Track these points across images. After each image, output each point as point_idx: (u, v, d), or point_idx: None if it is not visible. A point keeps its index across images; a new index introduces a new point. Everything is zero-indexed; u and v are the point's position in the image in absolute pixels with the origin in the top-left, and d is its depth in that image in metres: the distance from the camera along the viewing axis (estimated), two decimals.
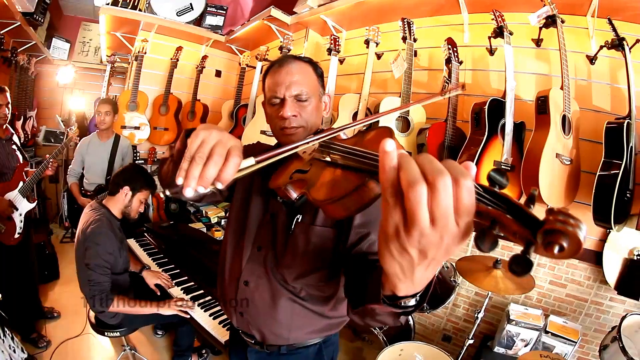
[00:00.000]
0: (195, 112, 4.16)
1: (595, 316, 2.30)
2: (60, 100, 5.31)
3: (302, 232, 1.07)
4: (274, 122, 1.09)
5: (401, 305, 0.60)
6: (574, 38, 2.19)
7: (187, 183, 0.60)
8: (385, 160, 0.43)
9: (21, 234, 2.48)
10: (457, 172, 0.40)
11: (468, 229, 0.42)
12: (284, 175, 0.90)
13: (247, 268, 1.17)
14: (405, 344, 2.20)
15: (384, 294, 0.61)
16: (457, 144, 2.21)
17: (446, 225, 0.40)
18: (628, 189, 1.88)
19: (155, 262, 2.56)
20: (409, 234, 0.42)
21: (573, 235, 0.38)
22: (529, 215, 0.42)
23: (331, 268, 1.07)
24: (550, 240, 0.39)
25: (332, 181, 0.72)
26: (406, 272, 0.47)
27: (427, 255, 0.43)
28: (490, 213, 0.44)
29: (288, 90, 1.04)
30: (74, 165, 3.21)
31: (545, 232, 0.39)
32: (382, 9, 2.73)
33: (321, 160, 0.82)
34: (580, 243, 0.38)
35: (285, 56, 1.12)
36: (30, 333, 2.57)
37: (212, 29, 4.27)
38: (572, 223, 0.38)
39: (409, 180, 0.40)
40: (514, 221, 0.42)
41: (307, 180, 0.80)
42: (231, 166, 0.62)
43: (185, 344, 2.48)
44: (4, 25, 3.42)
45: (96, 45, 5.46)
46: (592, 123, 2.08)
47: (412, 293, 0.54)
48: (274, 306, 1.15)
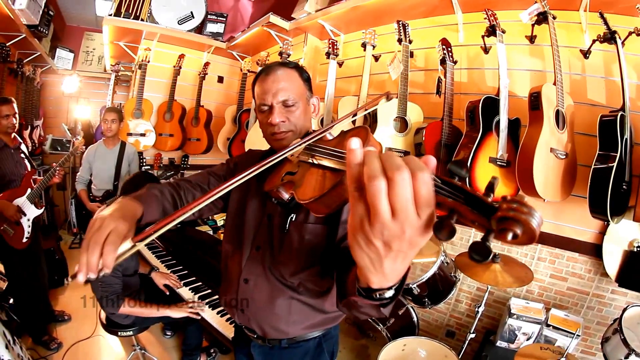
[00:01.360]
0: (199, 118, 4.25)
1: (597, 309, 2.30)
2: (65, 109, 5.41)
3: (296, 230, 1.12)
4: (264, 128, 1.15)
5: (377, 298, 0.63)
6: (566, 33, 2.21)
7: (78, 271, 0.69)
8: (350, 157, 0.46)
9: (29, 238, 2.55)
10: (414, 166, 0.42)
11: (429, 220, 0.44)
12: (276, 178, 0.97)
13: (246, 267, 1.22)
14: (408, 339, 2.22)
15: (359, 286, 0.64)
16: (454, 142, 2.24)
17: (406, 216, 0.42)
18: (624, 181, 1.89)
19: (163, 264, 2.62)
20: (372, 226, 0.44)
21: (525, 222, 0.39)
22: (485, 204, 0.44)
23: (325, 263, 1.11)
24: (504, 227, 0.41)
25: (314, 181, 0.78)
26: (375, 265, 0.49)
27: (391, 246, 0.45)
28: (448, 203, 0.46)
29: (275, 97, 1.10)
30: (82, 172, 3.29)
31: (499, 219, 0.41)
32: (377, 12, 2.77)
33: (306, 162, 0.87)
34: (534, 230, 0.39)
35: (271, 64, 1.17)
36: (41, 336, 2.64)
37: (213, 36, 4.36)
38: (524, 211, 0.40)
39: (369, 175, 0.43)
40: (470, 210, 0.44)
41: (295, 181, 0.86)
42: (108, 255, 0.69)
43: (194, 343, 2.53)
44: (10, 38, 3.52)
45: (99, 55, 5.55)
46: (588, 117, 2.09)
47: (387, 286, 0.56)
48: (273, 302, 1.20)
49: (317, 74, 3.51)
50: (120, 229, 0.74)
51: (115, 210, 0.83)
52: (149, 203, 1.03)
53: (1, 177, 2.49)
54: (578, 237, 2.30)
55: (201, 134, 4.29)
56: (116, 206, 0.87)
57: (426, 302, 2.30)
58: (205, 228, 3.34)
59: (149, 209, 0.99)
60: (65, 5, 5.15)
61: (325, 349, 1.32)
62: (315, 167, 0.83)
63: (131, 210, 0.90)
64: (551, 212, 2.33)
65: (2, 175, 2.50)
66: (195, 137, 4.29)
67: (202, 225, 3.43)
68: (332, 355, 1.36)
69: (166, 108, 4.16)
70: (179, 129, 4.24)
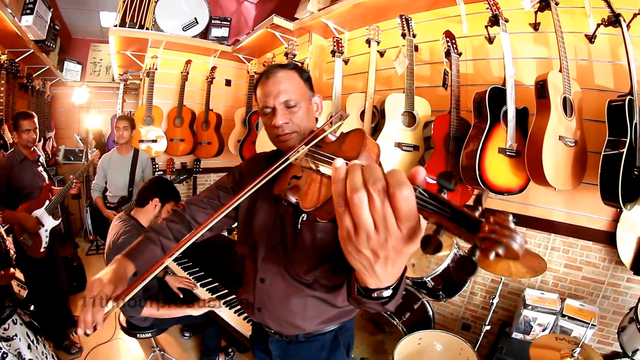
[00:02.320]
0: (209, 122, 4.31)
1: (612, 298, 2.27)
2: (76, 120, 5.52)
3: (308, 229, 1.15)
4: (269, 130, 1.18)
5: (375, 297, 0.66)
6: (570, 18, 2.18)
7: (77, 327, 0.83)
8: (334, 175, 0.49)
9: (46, 248, 2.62)
10: (396, 181, 0.43)
11: (412, 233, 0.45)
12: (284, 181, 0.99)
13: (262, 267, 1.25)
14: (424, 332, 2.22)
15: (358, 286, 0.68)
16: (463, 134, 2.24)
17: (386, 228, 0.45)
18: (635, 167, 1.86)
19: (180, 266, 2.67)
20: (358, 237, 0.47)
21: (507, 245, 0.39)
22: (470, 219, 0.44)
23: (338, 259, 1.12)
24: (486, 247, 0.41)
25: (316, 188, 0.80)
26: (368, 270, 0.52)
27: (378, 255, 0.48)
28: (434, 218, 0.46)
29: (276, 99, 1.12)
30: (97, 180, 3.36)
31: (481, 239, 0.41)
32: (380, 7, 2.78)
33: (307, 167, 0.90)
34: (516, 252, 0.39)
35: (271, 66, 1.19)
36: (62, 341, 2.71)
37: (218, 40, 4.41)
38: (505, 234, 0.40)
39: (351, 187, 0.45)
40: (455, 226, 0.44)
41: (300, 186, 0.88)
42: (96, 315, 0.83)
43: (213, 344, 2.57)
44: (19, 54, 3.61)
45: (107, 65, 5.66)
46: (596, 102, 2.05)
47: (383, 286, 0.60)
48: (289, 300, 1.22)
49: (323, 72, 3.53)
50: (104, 292, 0.87)
51: (105, 274, 0.95)
52: (142, 253, 1.15)
53: (20, 189, 2.57)
54: (591, 225, 2.27)
55: (212, 137, 4.34)
56: (109, 269, 0.99)
57: (441, 295, 2.31)
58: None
59: (141, 260, 1.11)
60: (71, 18, 5.26)
61: (341, 342, 1.35)
62: (316, 173, 0.85)
63: (122, 271, 1.02)
64: (563, 201, 2.31)
65: (22, 188, 2.58)
66: (206, 141, 4.35)
67: None
68: (348, 347, 1.38)
69: (176, 114, 4.23)
70: (190, 133, 4.29)
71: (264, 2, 4.92)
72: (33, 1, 3.36)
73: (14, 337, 1.77)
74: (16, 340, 1.77)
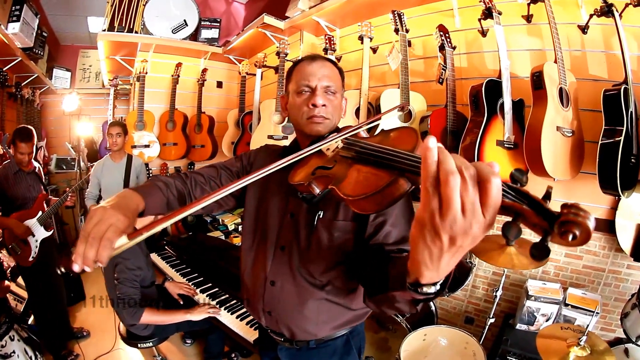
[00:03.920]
0: (202, 125, 4.26)
1: (614, 285, 2.29)
2: (67, 128, 5.42)
3: (325, 228, 1.11)
4: (298, 111, 1.14)
5: (422, 292, 0.64)
6: (563, 9, 2.18)
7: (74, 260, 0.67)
8: (427, 154, 0.49)
9: (35, 258, 2.60)
10: (488, 170, 0.47)
11: (492, 221, 0.48)
12: (305, 171, 0.94)
13: (272, 269, 1.20)
14: (428, 328, 2.22)
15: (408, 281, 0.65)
16: (460, 127, 2.24)
17: (474, 214, 0.47)
18: (632, 155, 1.87)
19: (178, 272, 2.64)
20: (444, 219, 0.48)
21: (584, 224, 0.44)
22: (546, 209, 0.48)
23: (354, 260, 1.10)
24: (566, 230, 0.45)
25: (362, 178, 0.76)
26: (434, 259, 0.53)
27: (455, 242, 0.49)
28: (514, 207, 0.50)
29: (321, 81, 1.11)
30: (91, 188, 3.30)
31: (561, 223, 0.46)
32: (371, 3, 2.76)
33: (347, 157, 0.85)
34: (590, 231, 0.44)
35: (316, 54, 1.20)
36: (60, 351, 2.67)
37: (208, 42, 4.37)
38: (582, 215, 0.45)
39: (447, 170, 0.47)
40: (534, 214, 0.49)
41: (332, 176, 0.84)
42: (104, 248, 0.67)
43: (216, 350, 2.55)
44: (6, 63, 3.56)
45: (96, 71, 5.57)
46: (591, 92, 2.07)
47: (435, 281, 0.60)
48: (301, 303, 1.18)
49: None
50: (119, 225, 0.72)
51: (116, 204, 0.80)
52: (152, 195, 1.01)
53: (13, 200, 2.56)
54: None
55: (205, 140, 4.30)
56: (117, 199, 0.84)
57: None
58: (216, 233, 3.35)
59: (151, 202, 0.98)
60: (58, 25, 5.18)
61: (353, 346, 1.32)
62: (358, 163, 0.81)
63: (132, 204, 0.89)
64: (562, 191, 2.32)
65: (15, 199, 2.57)
66: (199, 144, 4.30)
67: (214, 231, 3.45)
68: (359, 350, 1.35)
69: (168, 118, 4.18)
70: (183, 137, 4.26)
71: (253, 1, 4.88)
72: (19, 8, 3.31)
73: (12, 354, 1.74)
74: (14, 357, 1.74)
